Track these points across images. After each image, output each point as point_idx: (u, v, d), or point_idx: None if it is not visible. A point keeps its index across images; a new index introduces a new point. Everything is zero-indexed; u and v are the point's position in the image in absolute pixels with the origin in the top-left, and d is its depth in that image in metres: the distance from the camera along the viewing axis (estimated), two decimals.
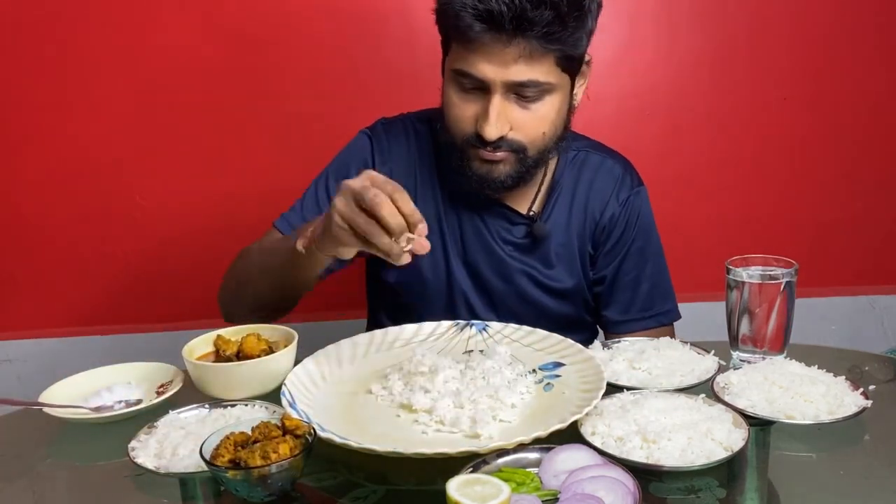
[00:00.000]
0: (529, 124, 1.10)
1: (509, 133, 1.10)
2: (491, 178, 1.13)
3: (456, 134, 1.13)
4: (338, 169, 1.26)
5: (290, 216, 1.24)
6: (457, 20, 1.04)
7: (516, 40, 1.03)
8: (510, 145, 1.11)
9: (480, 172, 1.13)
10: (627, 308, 1.28)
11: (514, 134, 1.10)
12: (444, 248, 1.25)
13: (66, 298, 1.91)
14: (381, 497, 0.79)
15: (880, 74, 1.94)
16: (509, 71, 1.05)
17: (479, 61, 1.05)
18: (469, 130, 1.11)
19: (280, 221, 1.24)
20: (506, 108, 1.08)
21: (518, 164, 1.13)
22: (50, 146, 1.82)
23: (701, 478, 0.79)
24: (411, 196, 1.23)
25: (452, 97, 1.12)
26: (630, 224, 1.26)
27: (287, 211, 1.25)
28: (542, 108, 1.10)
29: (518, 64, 1.04)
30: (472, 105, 1.10)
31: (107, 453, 0.91)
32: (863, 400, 0.90)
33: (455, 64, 1.09)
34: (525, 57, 1.04)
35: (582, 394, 0.92)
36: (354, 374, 1.03)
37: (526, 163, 1.13)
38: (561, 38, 1.04)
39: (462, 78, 1.09)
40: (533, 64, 1.05)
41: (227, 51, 1.79)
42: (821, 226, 2.02)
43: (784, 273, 1.03)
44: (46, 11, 1.74)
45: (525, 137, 1.11)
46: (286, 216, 1.25)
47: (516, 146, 1.11)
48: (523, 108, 1.09)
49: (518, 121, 1.10)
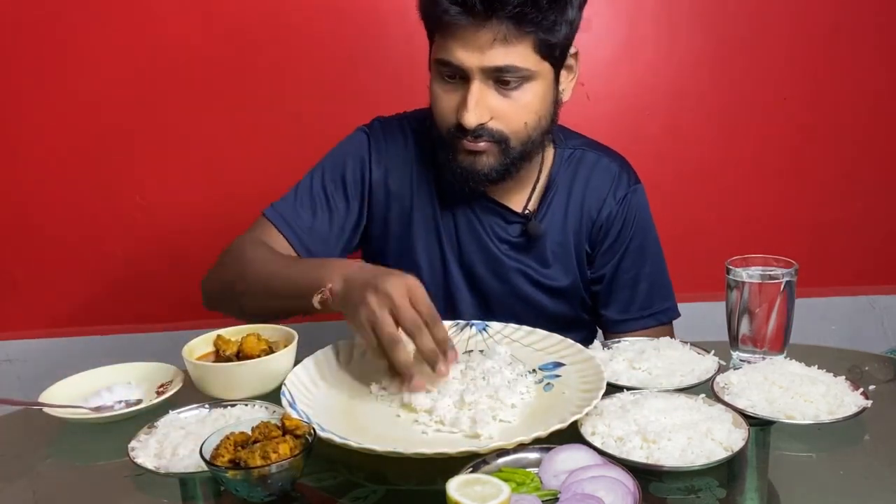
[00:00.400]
0: (510, 113, 1.10)
1: (490, 122, 1.09)
2: (474, 171, 1.13)
3: (441, 126, 1.14)
4: (333, 164, 1.25)
5: (283, 208, 1.22)
6: (434, 7, 1.05)
7: (490, 23, 1.03)
8: (491, 135, 1.10)
9: (465, 165, 1.13)
10: (627, 307, 1.27)
11: (495, 123, 1.10)
12: (440, 247, 1.25)
13: (66, 298, 1.92)
14: (381, 497, 0.79)
15: (880, 74, 1.94)
16: (485, 56, 1.05)
17: (457, 48, 1.06)
18: (452, 121, 1.11)
19: (271, 212, 1.22)
20: (485, 96, 1.08)
21: (501, 155, 1.12)
22: (50, 146, 1.82)
23: (701, 478, 0.79)
24: (408, 197, 1.24)
25: (437, 90, 1.13)
26: (628, 222, 1.26)
27: (279, 201, 1.23)
28: (522, 97, 1.09)
29: (494, 48, 1.05)
30: (454, 95, 1.10)
31: (107, 453, 0.91)
32: (863, 400, 0.90)
33: (436, 54, 1.10)
34: (500, 41, 1.04)
35: (582, 394, 0.92)
36: (354, 374, 1.03)
37: (510, 154, 1.12)
38: (535, 21, 1.04)
39: (443, 67, 1.10)
40: (509, 48, 1.05)
41: (228, 51, 1.80)
42: (821, 226, 2.02)
43: (784, 273, 1.03)
44: (46, 11, 1.75)
45: (506, 127, 1.10)
46: (278, 207, 1.22)
47: (497, 136, 1.10)
48: (503, 95, 1.09)
49: (498, 109, 1.09)
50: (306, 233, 1.20)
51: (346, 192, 1.24)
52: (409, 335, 0.90)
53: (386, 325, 0.89)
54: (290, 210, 1.22)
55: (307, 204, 1.22)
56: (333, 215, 1.23)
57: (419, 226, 1.25)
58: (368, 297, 0.90)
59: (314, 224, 1.21)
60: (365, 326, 0.91)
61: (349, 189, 1.24)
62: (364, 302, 0.91)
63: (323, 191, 1.23)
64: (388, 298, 0.89)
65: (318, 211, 1.22)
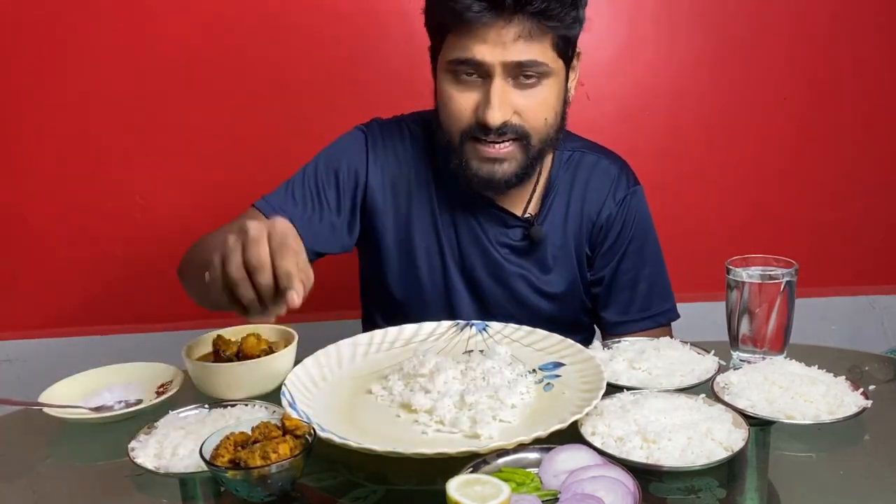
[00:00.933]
0: (532, 109, 1.09)
1: (513, 118, 1.09)
2: (493, 178, 1.12)
3: (454, 129, 1.12)
4: (328, 160, 1.23)
5: (273, 200, 1.19)
6: (454, 3, 1.03)
7: (516, 18, 1.02)
8: (515, 131, 1.09)
9: (482, 172, 1.12)
10: (626, 309, 1.27)
11: (517, 119, 1.09)
12: (440, 251, 1.24)
13: (66, 298, 1.92)
14: (381, 497, 0.79)
15: (880, 74, 1.94)
16: (508, 51, 1.04)
17: (477, 44, 1.05)
18: (469, 122, 1.10)
19: (262, 203, 1.19)
20: (507, 93, 1.07)
21: (522, 155, 1.11)
22: (50, 146, 1.82)
23: (701, 478, 0.79)
24: (405, 200, 1.22)
25: (449, 90, 1.10)
26: (627, 224, 1.26)
27: (270, 194, 1.21)
28: (541, 93, 1.09)
29: (517, 44, 1.04)
30: (472, 94, 1.09)
31: (107, 453, 0.91)
32: (863, 400, 0.90)
33: (451, 54, 1.08)
34: (524, 37, 1.04)
35: (582, 394, 0.92)
36: (354, 374, 1.03)
37: (530, 153, 1.12)
38: (559, 16, 1.04)
39: (459, 66, 1.08)
40: (532, 43, 1.05)
41: (228, 52, 1.79)
42: (821, 226, 2.02)
43: (784, 273, 1.03)
44: (46, 11, 1.75)
45: (528, 123, 1.10)
46: (269, 199, 1.19)
47: (521, 132, 1.10)
48: (524, 92, 1.08)
49: (520, 105, 1.09)
50: (294, 225, 1.17)
51: (338, 190, 1.22)
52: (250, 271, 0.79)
53: (233, 262, 0.78)
54: (281, 202, 1.19)
55: (298, 197, 1.20)
56: (324, 211, 1.21)
57: (418, 230, 1.24)
58: (228, 237, 0.81)
59: (304, 217, 1.19)
60: (216, 265, 0.81)
61: (342, 186, 1.22)
62: (224, 241, 0.81)
63: (315, 186, 1.21)
64: (243, 235, 0.79)
65: (307, 205, 1.20)
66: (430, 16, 1.12)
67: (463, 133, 1.11)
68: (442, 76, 1.12)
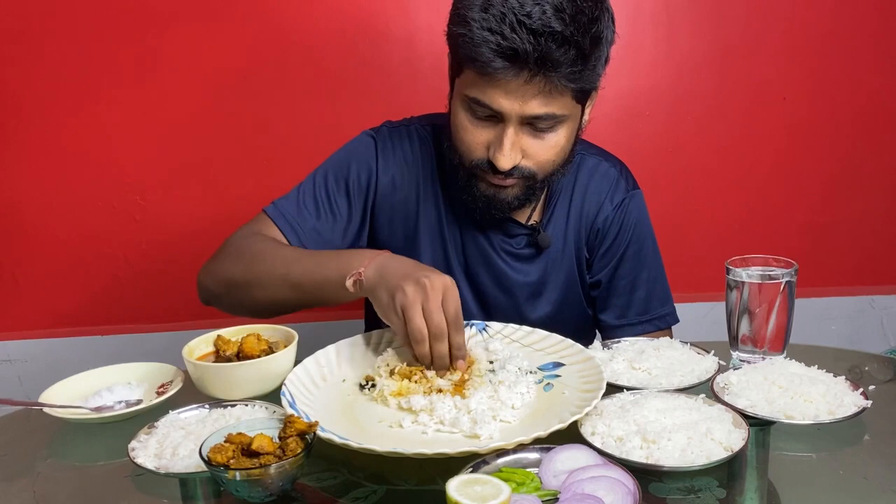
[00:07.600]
0: (541, 153, 1.09)
1: (522, 161, 1.09)
2: (498, 201, 1.13)
3: (465, 158, 1.11)
4: (338, 166, 1.24)
5: (285, 206, 1.20)
6: (475, 52, 1.00)
7: (537, 78, 1.00)
8: (521, 172, 1.09)
9: (488, 194, 1.13)
10: (624, 312, 1.27)
11: (526, 162, 1.09)
12: (445, 256, 1.24)
13: (66, 298, 1.92)
14: (381, 497, 0.79)
15: (880, 74, 1.94)
16: (528, 105, 1.03)
17: (496, 94, 1.03)
18: (480, 157, 1.09)
19: (273, 210, 1.20)
20: (519, 139, 1.07)
21: (526, 188, 1.12)
22: (51, 147, 1.82)
23: (701, 478, 0.79)
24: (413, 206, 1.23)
25: (464, 121, 1.09)
26: (624, 228, 1.25)
27: (280, 199, 1.21)
28: (554, 138, 1.09)
29: (537, 98, 1.02)
30: (485, 132, 1.08)
31: (107, 453, 0.91)
32: (863, 400, 0.90)
33: (469, 91, 1.06)
34: (545, 94, 1.02)
35: (582, 394, 0.92)
36: (354, 374, 1.03)
37: (534, 187, 1.13)
38: (583, 76, 1.03)
39: (476, 105, 1.06)
40: (551, 100, 1.03)
41: (228, 52, 1.79)
42: (821, 226, 2.02)
43: (784, 273, 1.03)
44: (46, 11, 1.75)
45: (535, 165, 1.10)
46: (280, 206, 1.20)
47: (526, 173, 1.10)
48: (536, 137, 1.08)
49: (530, 149, 1.08)
50: (307, 233, 1.19)
51: (349, 196, 1.23)
52: (430, 336, 0.93)
53: (416, 315, 0.92)
54: (293, 209, 1.20)
55: (310, 205, 1.21)
56: (336, 218, 1.22)
57: (425, 235, 1.24)
58: (406, 286, 0.93)
59: (315, 225, 1.20)
60: (397, 311, 0.94)
61: (352, 193, 1.23)
62: (401, 289, 0.93)
63: (326, 193, 1.22)
64: (424, 292, 0.92)
65: (320, 212, 1.21)
66: (452, 46, 1.09)
67: (472, 163, 1.11)
68: (458, 102, 1.11)
